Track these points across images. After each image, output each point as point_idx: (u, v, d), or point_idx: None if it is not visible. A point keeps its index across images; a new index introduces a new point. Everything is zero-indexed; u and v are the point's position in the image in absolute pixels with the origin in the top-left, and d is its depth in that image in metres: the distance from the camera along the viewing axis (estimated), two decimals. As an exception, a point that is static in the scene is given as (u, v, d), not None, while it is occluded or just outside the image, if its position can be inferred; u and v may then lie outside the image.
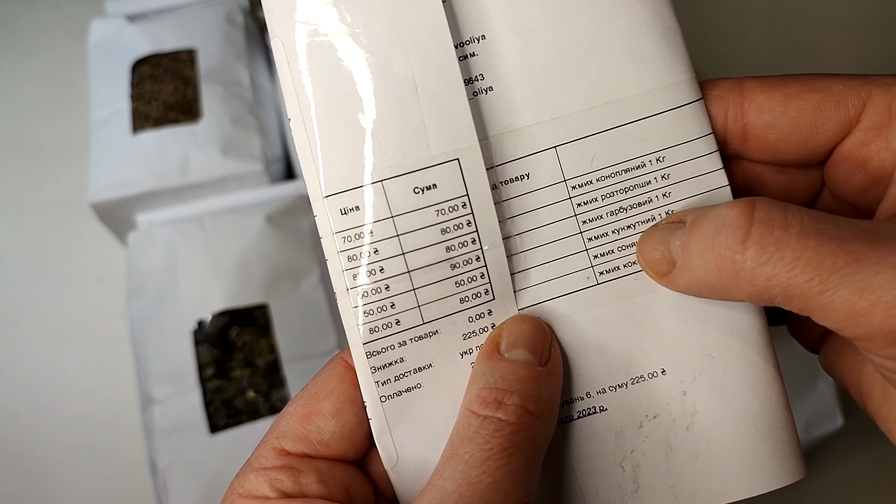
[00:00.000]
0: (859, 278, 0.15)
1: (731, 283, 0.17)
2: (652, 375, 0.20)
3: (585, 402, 0.21)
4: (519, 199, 0.20)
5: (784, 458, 0.20)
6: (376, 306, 0.19)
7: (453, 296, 0.20)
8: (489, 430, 0.18)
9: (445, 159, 0.19)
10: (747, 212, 0.17)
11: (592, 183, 0.20)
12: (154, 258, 0.50)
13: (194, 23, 0.58)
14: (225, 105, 0.54)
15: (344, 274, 0.19)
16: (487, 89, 0.20)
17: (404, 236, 0.19)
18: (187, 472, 0.43)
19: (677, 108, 0.20)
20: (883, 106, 0.19)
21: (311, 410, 0.20)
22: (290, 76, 0.19)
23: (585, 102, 0.20)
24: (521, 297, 0.20)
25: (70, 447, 0.52)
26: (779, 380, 0.21)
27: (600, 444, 0.20)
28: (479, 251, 0.20)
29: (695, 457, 0.20)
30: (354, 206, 0.19)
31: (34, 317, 0.57)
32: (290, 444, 0.20)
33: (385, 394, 0.20)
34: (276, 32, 0.19)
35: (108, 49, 0.57)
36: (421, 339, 0.20)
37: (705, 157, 0.20)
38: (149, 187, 0.51)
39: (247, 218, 0.51)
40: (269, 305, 0.48)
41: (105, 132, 0.53)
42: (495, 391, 0.18)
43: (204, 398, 0.45)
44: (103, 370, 0.55)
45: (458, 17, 0.19)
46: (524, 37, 0.20)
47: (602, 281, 0.20)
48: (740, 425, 0.20)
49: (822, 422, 0.42)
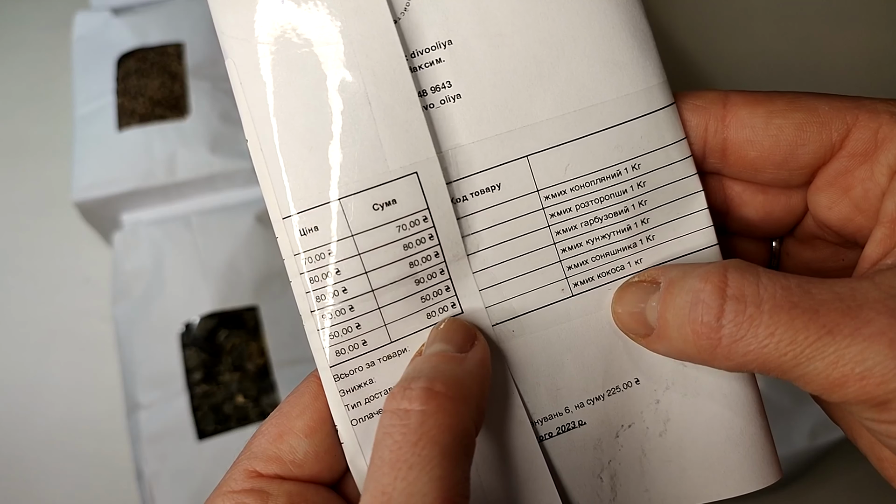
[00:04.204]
0: (832, 351, 0.16)
1: (709, 357, 0.17)
2: (627, 385, 0.21)
3: (565, 418, 0.21)
4: (489, 210, 0.20)
5: (756, 463, 0.21)
6: (341, 328, 0.19)
7: (420, 311, 0.20)
8: (396, 426, 0.16)
9: (403, 174, 0.19)
10: (719, 288, 0.17)
11: (566, 192, 0.20)
12: (140, 259, 0.50)
13: (181, 16, 0.57)
14: (213, 101, 0.54)
15: (307, 296, 0.19)
16: (455, 97, 0.19)
17: (366, 254, 0.19)
18: (174, 479, 0.43)
19: (652, 113, 0.20)
20: (869, 133, 0.18)
21: (284, 429, 0.19)
22: (244, 96, 0.19)
23: (558, 109, 0.19)
24: (492, 312, 0.20)
25: (54, 453, 0.52)
26: (751, 386, 0.21)
27: (580, 458, 0.21)
28: (442, 264, 0.19)
29: (667, 461, 0.21)
30: (313, 226, 0.19)
31: (16, 319, 0.57)
32: (261, 465, 0.19)
33: (356, 417, 0.19)
34: (229, 53, 0.19)
35: (92, 43, 0.57)
36: (390, 359, 0.19)
37: (679, 162, 0.20)
38: (135, 186, 0.51)
39: (236, 217, 0.51)
40: (258, 308, 0.48)
41: (90, 129, 0.53)
42: (402, 381, 0.17)
43: (191, 403, 0.45)
44: (88, 374, 0.54)
45: (421, 21, 0.19)
46: (493, 41, 0.19)
47: (577, 293, 0.20)
48: (711, 431, 0.21)
49: (827, 429, 0.42)
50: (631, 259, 0.20)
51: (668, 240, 0.20)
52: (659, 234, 0.20)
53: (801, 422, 0.42)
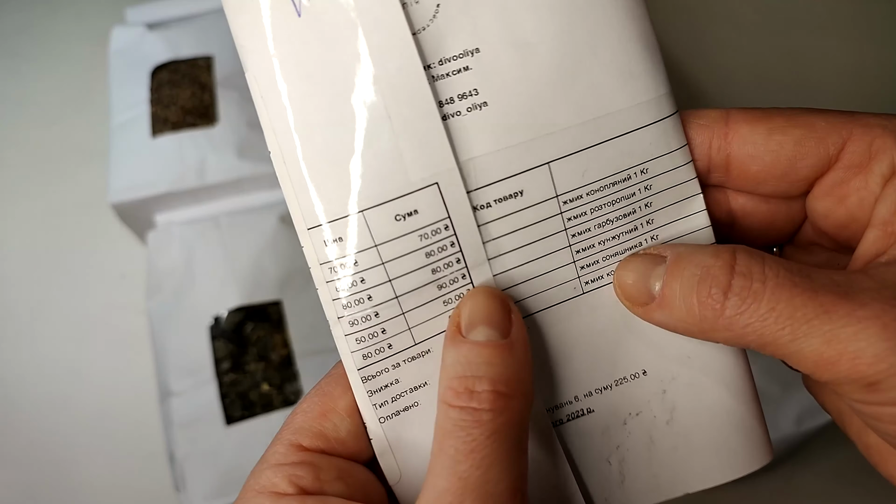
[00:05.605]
0: (827, 329, 0.16)
1: (709, 327, 0.18)
2: (634, 377, 0.21)
3: (574, 406, 0.21)
4: (510, 217, 0.20)
5: (755, 446, 0.22)
6: (367, 333, 0.19)
7: (442, 314, 0.20)
8: (469, 420, 0.17)
9: (424, 185, 0.19)
10: (729, 264, 0.18)
11: (583, 197, 0.20)
12: (172, 256, 0.50)
13: (211, 30, 0.58)
14: (240, 109, 0.54)
15: (334, 303, 0.19)
16: (482, 104, 0.19)
17: (389, 263, 0.19)
18: (204, 461, 0.44)
19: (660, 121, 0.20)
20: (863, 146, 0.19)
21: (327, 408, 0.20)
22: (265, 110, 0.18)
23: (578, 117, 0.19)
24: None
25: (91, 438, 0.52)
26: (749, 376, 0.22)
27: (589, 443, 0.21)
28: (464, 269, 0.20)
29: (674, 448, 0.21)
30: (338, 237, 0.19)
31: (57, 313, 0.58)
32: (306, 439, 0.19)
33: (383, 415, 0.20)
34: (250, 67, 0.18)
35: (128, 56, 0.58)
36: (414, 360, 0.20)
37: (682, 167, 0.20)
38: (167, 188, 0.51)
39: (261, 218, 0.52)
40: (282, 302, 0.48)
41: (125, 136, 0.54)
42: (465, 380, 0.18)
43: (220, 391, 0.46)
44: (123, 364, 0.55)
45: (449, 29, 0.19)
46: (520, 50, 0.19)
47: (587, 290, 0.21)
48: (715, 418, 0.21)
49: (813, 415, 0.42)
50: None
51: (670, 239, 0.21)
52: (662, 234, 0.21)
53: (787, 409, 0.42)
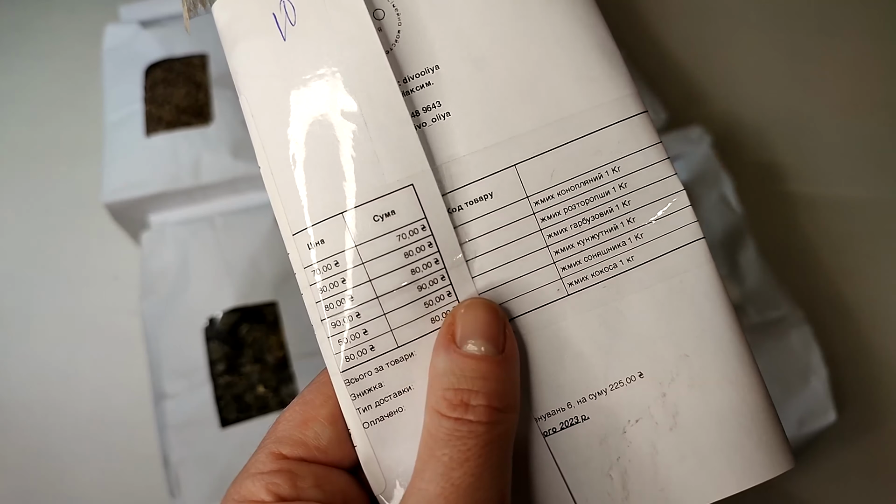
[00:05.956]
0: None
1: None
2: (630, 380, 0.21)
3: (566, 413, 0.21)
4: (484, 217, 0.20)
5: (771, 450, 0.20)
6: (349, 334, 0.20)
7: (424, 316, 0.20)
8: (463, 431, 0.18)
9: (400, 186, 0.20)
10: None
11: (554, 197, 0.21)
12: (166, 257, 0.50)
13: (206, 29, 0.54)
14: (235, 109, 0.54)
15: (317, 306, 0.20)
16: (445, 115, 0.21)
17: (369, 263, 0.20)
18: (199, 465, 0.44)
19: (626, 120, 0.21)
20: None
21: (308, 416, 0.20)
22: (256, 128, 0.20)
23: (540, 120, 0.21)
24: None
25: (84, 441, 0.52)
26: (756, 372, 0.21)
27: (586, 454, 0.20)
28: (443, 270, 0.20)
29: (682, 458, 0.20)
30: (319, 239, 0.20)
31: (49, 314, 0.57)
32: (287, 448, 0.20)
33: (367, 420, 0.20)
34: (243, 90, 0.20)
35: (122, 54, 0.58)
36: (398, 363, 0.20)
37: (658, 164, 0.21)
38: (161, 188, 0.51)
39: (257, 218, 0.52)
40: (278, 303, 0.48)
41: (119, 134, 0.54)
42: (460, 392, 0.18)
43: (215, 393, 0.46)
44: (117, 366, 0.55)
45: (410, 50, 0.21)
46: (476, 64, 0.21)
47: (572, 292, 0.21)
48: (723, 421, 0.20)
49: (815, 417, 0.43)
50: (622, 257, 0.21)
51: (656, 237, 0.21)
52: (647, 232, 0.21)
53: (789, 411, 0.42)
